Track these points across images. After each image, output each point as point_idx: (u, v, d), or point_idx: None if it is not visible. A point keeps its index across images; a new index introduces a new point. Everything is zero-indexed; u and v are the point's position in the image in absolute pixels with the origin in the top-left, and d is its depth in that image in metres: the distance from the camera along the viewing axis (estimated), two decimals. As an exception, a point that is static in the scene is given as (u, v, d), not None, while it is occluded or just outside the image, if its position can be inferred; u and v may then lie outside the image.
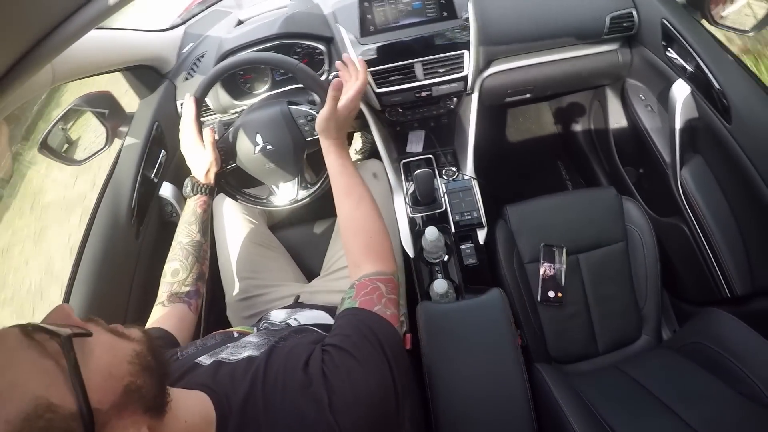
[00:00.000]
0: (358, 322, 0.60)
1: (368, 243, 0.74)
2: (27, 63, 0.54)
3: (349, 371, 0.53)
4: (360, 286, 0.67)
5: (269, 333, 0.71)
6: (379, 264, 0.72)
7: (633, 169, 1.49)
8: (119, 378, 0.40)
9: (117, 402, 0.39)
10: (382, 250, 0.74)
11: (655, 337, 1.19)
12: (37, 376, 0.35)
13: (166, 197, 1.15)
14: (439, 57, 1.20)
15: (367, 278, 0.69)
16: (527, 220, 1.23)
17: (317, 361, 0.54)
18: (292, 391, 0.51)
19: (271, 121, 0.98)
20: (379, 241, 0.75)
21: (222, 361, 0.60)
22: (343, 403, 0.50)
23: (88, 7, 0.55)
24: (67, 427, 0.35)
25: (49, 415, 0.34)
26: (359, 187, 0.82)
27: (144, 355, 0.43)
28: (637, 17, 1.24)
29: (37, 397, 0.34)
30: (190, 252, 0.87)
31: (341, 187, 0.82)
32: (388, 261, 0.73)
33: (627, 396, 0.93)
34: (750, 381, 0.85)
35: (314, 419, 0.48)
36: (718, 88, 1.02)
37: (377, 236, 0.75)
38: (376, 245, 0.74)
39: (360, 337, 0.57)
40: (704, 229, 1.13)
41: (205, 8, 1.44)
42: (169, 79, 1.27)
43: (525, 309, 1.13)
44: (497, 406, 0.81)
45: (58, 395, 0.35)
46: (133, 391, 0.41)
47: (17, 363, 0.35)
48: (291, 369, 0.53)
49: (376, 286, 0.66)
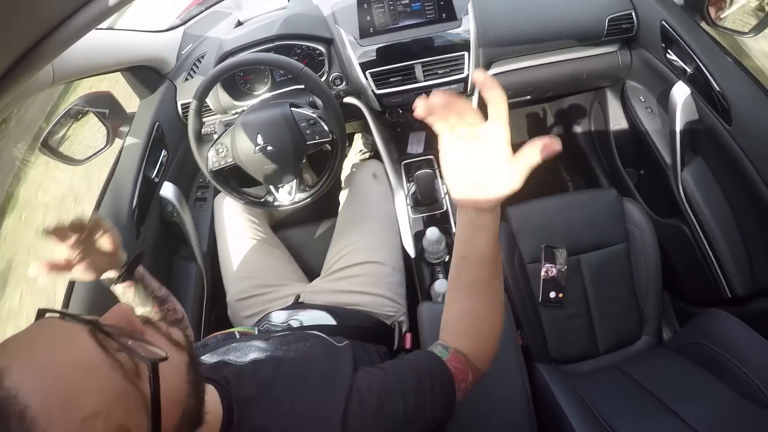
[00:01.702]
0: (421, 368, 0.55)
1: (484, 342, 0.62)
2: (27, 63, 0.54)
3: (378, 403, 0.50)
4: (455, 358, 0.58)
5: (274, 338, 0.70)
6: (481, 361, 0.61)
7: (634, 171, 1.49)
8: (182, 402, 0.39)
9: (176, 425, 0.38)
10: (491, 352, 0.63)
11: (656, 338, 1.19)
12: (121, 404, 0.33)
13: (167, 197, 1.15)
14: (439, 58, 1.20)
15: (468, 360, 0.59)
16: (528, 221, 1.23)
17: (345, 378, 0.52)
18: (303, 401, 0.50)
19: (272, 122, 0.98)
20: (494, 345, 0.63)
21: (226, 362, 0.59)
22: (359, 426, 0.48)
23: (88, 7, 0.55)
24: None
25: None
26: (500, 281, 0.59)
27: (191, 369, 0.41)
28: (636, 19, 1.24)
29: (120, 426, 0.32)
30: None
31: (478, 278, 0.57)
32: (489, 363, 0.63)
33: (627, 396, 0.92)
34: (750, 381, 0.85)
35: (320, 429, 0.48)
36: (717, 89, 1.02)
37: (495, 341, 0.63)
38: (489, 346, 0.62)
39: (415, 381, 0.53)
40: (705, 230, 1.13)
41: (205, 9, 1.45)
42: (170, 80, 1.28)
43: (526, 309, 1.12)
44: (498, 406, 0.81)
45: (136, 423, 0.33)
46: (188, 413, 0.39)
47: (101, 388, 0.32)
48: (303, 382, 0.52)
49: (468, 375, 0.59)
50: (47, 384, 0.29)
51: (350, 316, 0.93)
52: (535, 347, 1.11)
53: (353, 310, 0.95)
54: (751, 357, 0.87)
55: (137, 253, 0.75)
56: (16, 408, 0.28)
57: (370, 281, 1.02)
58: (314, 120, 0.99)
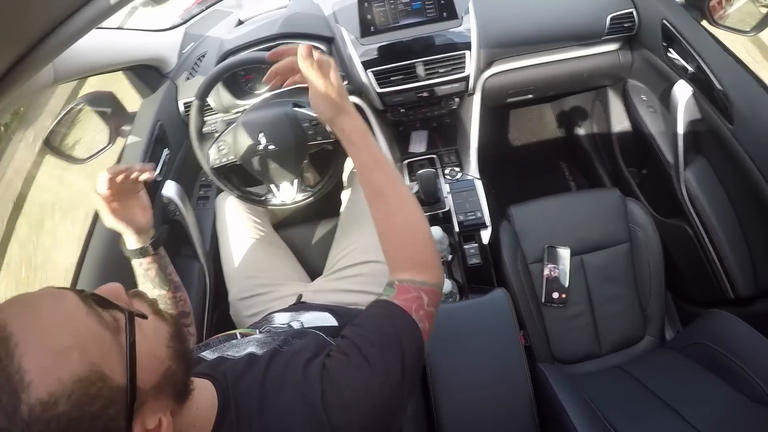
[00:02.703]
0: (387, 320, 0.56)
1: (415, 253, 0.65)
2: (28, 62, 0.54)
3: (353, 372, 0.51)
4: (402, 290, 0.61)
5: (272, 333, 0.71)
6: (425, 274, 0.63)
7: (636, 170, 1.49)
8: (162, 361, 0.41)
9: (157, 384, 0.40)
10: (431, 257, 0.65)
11: (659, 338, 1.18)
12: (96, 344, 0.36)
13: (170, 196, 1.15)
14: (440, 57, 1.20)
15: (411, 284, 0.61)
16: (531, 221, 1.23)
17: (321, 357, 0.53)
18: (288, 389, 0.51)
19: (275, 122, 0.98)
20: (426, 250, 0.65)
21: (225, 357, 0.60)
22: (337, 403, 0.49)
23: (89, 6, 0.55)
24: (112, 398, 0.36)
25: (99, 383, 0.35)
26: (397, 184, 0.67)
27: (176, 340, 0.44)
28: (637, 18, 1.23)
29: (93, 364, 0.35)
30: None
31: (374, 186, 0.66)
32: (436, 270, 0.64)
33: (630, 396, 0.92)
34: (753, 382, 0.84)
35: (305, 417, 0.48)
36: (719, 88, 1.01)
37: (425, 245, 0.65)
38: (423, 255, 0.65)
39: (379, 338, 0.54)
40: (708, 230, 1.13)
41: (206, 8, 1.45)
42: (171, 79, 1.28)
43: (528, 309, 1.12)
44: (500, 406, 0.81)
45: (110, 367, 0.36)
46: (170, 376, 0.42)
47: (77, 327, 0.36)
48: (291, 369, 0.53)
49: (419, 296, 0.60)
50: (32, 318, 0.35)
51: (352, 316, 0.93)
52: (538, 347, 1.11)
53: (355, 310, 0.95)
54: (754, 358, 0.87)
55: (164, 227, 0.77)
56: (3, 335, 0.34)
57: (372, 280, 1.01)
58: (317, 120, 0.99)
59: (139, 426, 0.38)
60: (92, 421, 0.34)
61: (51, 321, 0.36)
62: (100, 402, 0.35)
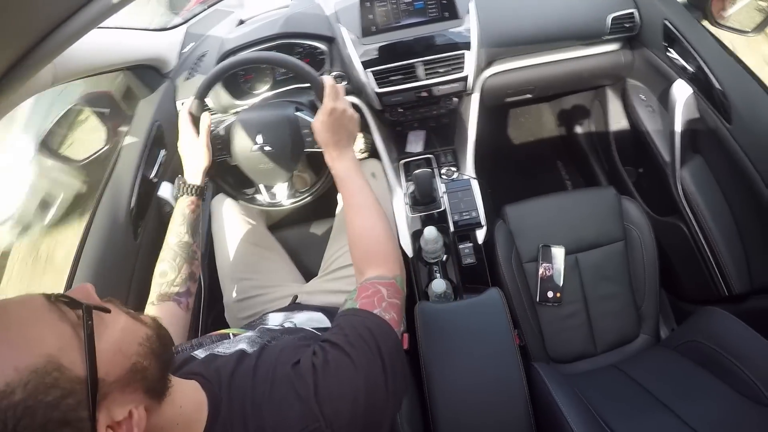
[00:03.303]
0: (357, 322, 0.60)
1: (369, 248, 0.74)
2: (28, 62, 0.55)
3: (339, 366, 0.54)
4: (361, 289, 0.67)
5: (263, 330, 0.73)
6: (381, 268, 0.71)
7: (633, 169, 1.49)
8: (128, 356, 0.43)
9: (122, 377, 0.42)
10: (384, 253, 0.74)
11: (654, 336, 1.19)
12: (54, 337, 0.38)
13: (165, 197, 1.15)
14: (439, 57, 1.20)
15: (368, 281, 0.69)
16: (526, 220, 1.23)
17: (308, 355, 0.55)
18: (280, 384, 0.52)
19: (276, 124, 0.98)
20: (381, 246, 0.74)
21: (216, 354, 0.62)
22: (327, 394, 0.51)
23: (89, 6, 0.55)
24: (71, 388, 0.37)
25: (56, 374, 0.36)
26: (361, 193, 0.80)
27: (153, 340, 0.46)
28: (638, 18, 1.24)
29: (50, 355, 0.37)
30: (178, 253, 0.86)
31: (345, 196, 0.82)
32: (390, 264, 0.72)
33: (625, 395, 0.93)
34: (748, 379, 0.85)
35: (299, 409, 0.50)
36: (719, 88, 1.02)
37: (379, 240, 0.75)
38: (377, 249, 0.74)
39: (356, 336, 0.57)
40: (703, 228, 1.13)
41: (207, 8, 1.45)
42: (170, 79, 1.27)
43: (523, 308, 1.13)
44: (495, 406, 0.81)
45: (69, 359, 0.38)
46: (139, 371, 0.43)
47: (37, 321, 0.38)
48: (282, 363, 0.55)
49: (377, 290, 0.66)
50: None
51: None
52: (533, 346, 1.11)
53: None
54: (749, 355, 0.88)
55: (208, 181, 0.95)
56: None
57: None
58: None
59: (104, 416, 0.39)
60: (48, 409, 0.35)
61: (13, 318, 0.38)
62: (57, 392, 0.36)
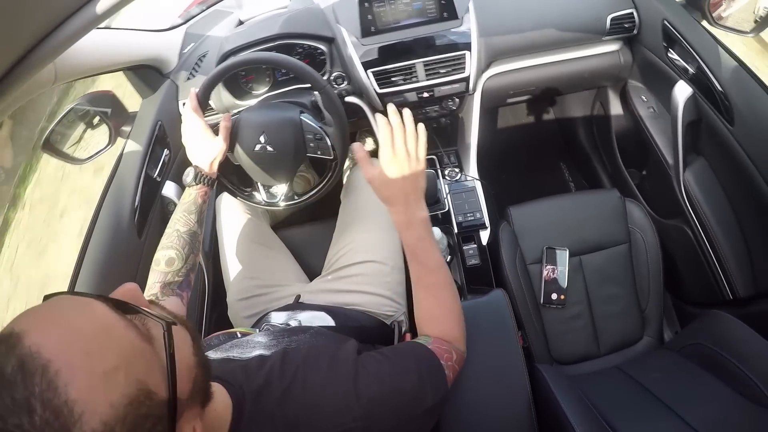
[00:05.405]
0: (415, 353, 0.62)
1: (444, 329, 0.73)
2: (29, 62, 0.54)
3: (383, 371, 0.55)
4: (437, 341, 0.68)
5: (276, 333, 0.72)
6: (459, 344, 0.73)
7: (636, 171, 1.49)
8: (191, 369, 0.40)
9: (190, 392, 0.39)
10: (461, 335, 0.74)
11: (657, 339, 1.18)
12: (139, 360, 0.34)
13: (169, 196, 1.15)
14: (440, 57, 1.20)
15: (443, 340, 0.69)
16: (530, 222, 1.23)
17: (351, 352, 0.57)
18: (314, 384, 0.52)
19: (280, 125, 0.98)
20: (455, 330, 0.74)
21: (232, 358, 0.61)
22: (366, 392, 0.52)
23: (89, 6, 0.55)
24: (160, 414, 0.34)
25: (148, 402, 0.33)
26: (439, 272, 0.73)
27: (197, 346, 0.43)
28: (637, 18, 1.23)
29: (139, 382, 0.33)
30: (187, 242, 0.85)
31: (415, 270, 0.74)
32: (463, 341, 0.74)
33: (629, 397, 0.92)
34: (752, 383, 0.84)
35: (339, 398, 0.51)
36: (719, 89, 1.01)
37: (454, 323, 0.74)
38: (452, 333, 0.73)
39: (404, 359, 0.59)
40: (707, 230, 1.13)
41: (206, 8, 1.45)
42: (171, 79, 1.28)
43: (527, 310, 1.12)
44: (498, 407, 0.81)
45: (154, 382, 0.34)
46: (197, 383, 0.40)
47: (118, 343, 0.33)
48: (312, 366, 0.55)
49: (451, 354, 0.67)
50: (68, 338, 0.31)
51: (349, 316, 0.93)
52: (537, 348, 1.11)
53: (352, 310, 0.95)
54: (753, 358, 0.87)
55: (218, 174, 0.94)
56: (38, 363, 0.29)
57: (369, 280, 1.01)
58: (321, 135, 0.98)
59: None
60: None
61: (90, 338, 0.32)
62: (150, 421, 0.33)
